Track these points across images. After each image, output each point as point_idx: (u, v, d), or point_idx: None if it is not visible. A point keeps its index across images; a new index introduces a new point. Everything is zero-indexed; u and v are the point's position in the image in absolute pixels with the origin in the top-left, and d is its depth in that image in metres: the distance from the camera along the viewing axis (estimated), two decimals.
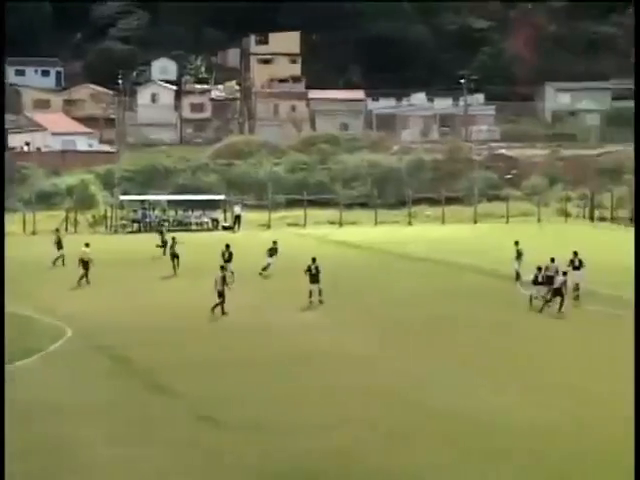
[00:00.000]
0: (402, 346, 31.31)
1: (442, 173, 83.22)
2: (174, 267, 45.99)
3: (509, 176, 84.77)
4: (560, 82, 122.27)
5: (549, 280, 36.95)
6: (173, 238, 47.44)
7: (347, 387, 25.99)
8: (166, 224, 63.39)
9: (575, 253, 39.69)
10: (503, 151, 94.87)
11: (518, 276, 42.92)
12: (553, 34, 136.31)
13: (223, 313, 35.86)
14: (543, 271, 37.36)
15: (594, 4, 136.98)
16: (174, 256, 46.16)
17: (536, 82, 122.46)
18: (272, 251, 45.94)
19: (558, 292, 36.35)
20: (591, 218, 71.71)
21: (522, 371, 28.09)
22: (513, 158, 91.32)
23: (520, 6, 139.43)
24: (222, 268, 38.33)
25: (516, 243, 43.80)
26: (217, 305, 35.97)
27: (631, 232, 63.28)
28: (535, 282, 37.32)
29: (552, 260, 38.31)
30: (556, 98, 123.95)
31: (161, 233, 52.70)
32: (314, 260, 38.88)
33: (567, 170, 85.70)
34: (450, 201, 73.41)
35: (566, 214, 73.53)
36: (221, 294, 35.96)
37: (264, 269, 45.28)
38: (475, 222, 69.75)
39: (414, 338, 32.46)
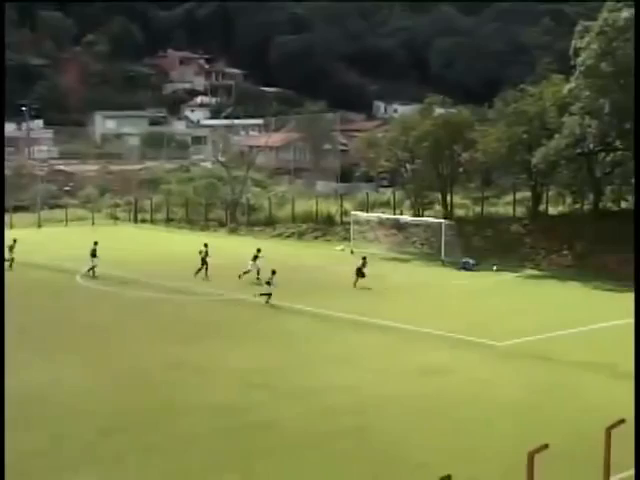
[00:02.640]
0: None
1: (10, 187, 79.90)
2: None
3: (67, 188, 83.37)
4: (107, 111, 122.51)
5: None
6: None
7: None
8: None
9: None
10: (62, 167, 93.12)
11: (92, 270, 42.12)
12: (99, 71, 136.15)
13: None
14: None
15: (131, 48, 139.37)
16: None
17: (87, 110, 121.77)
18: None
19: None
20: (135, 220, 72.14)
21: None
22: (70, 173, 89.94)
23: (69, 49, 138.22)
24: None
25: (95, 243, 42.89)
26: None
27: (166, 231, 64.73)
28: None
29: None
30: (104, 124, 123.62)
31: None
32: None
33: (115, 182, 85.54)
34: (18, 209, 70.96)
35: (115, 218, 73.47)
36: None
37: None
38: (39, 226, 67.71)
39: None
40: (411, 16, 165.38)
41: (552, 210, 53.40)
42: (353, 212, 56.42)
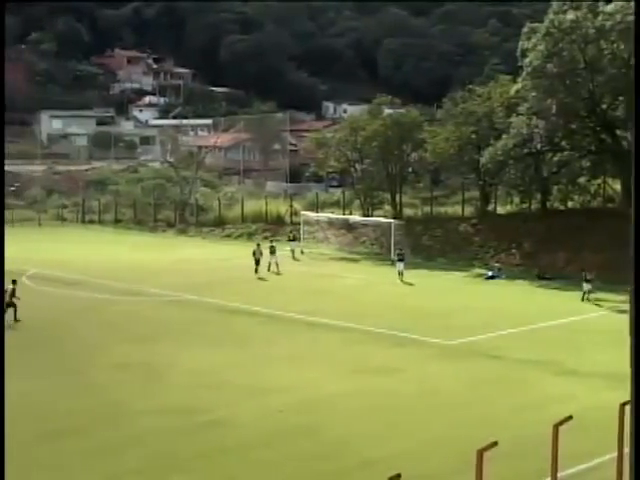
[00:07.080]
0: None
1: None
2: None
3: (13, 188, 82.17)
4: (53, 110, 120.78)
5: None
6: None
7: None
8: None
9: None
10: (7, 167, 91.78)
11: None
12: (45, 70, 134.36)
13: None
14: None
15: (78, 47, 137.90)
16: None
17: (33, 110, 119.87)
18: None
19: None
20: (83, 221, 71.40)
21: None
22: (15, 173, 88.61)
23: (14, 47, 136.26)
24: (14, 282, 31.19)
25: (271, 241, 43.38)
26: None
27: (114, 232, 64.08)
28: None
29: None
30: (50, 123, 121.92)
31: None
32: None
33: (62, 183, 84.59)
34: None
35: (63, 219, 72.65)
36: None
37: None
38: None
39: None
40: (359, 17, 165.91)
41: (500, 209, 53.86)
42: (303, 212, 56.40)
